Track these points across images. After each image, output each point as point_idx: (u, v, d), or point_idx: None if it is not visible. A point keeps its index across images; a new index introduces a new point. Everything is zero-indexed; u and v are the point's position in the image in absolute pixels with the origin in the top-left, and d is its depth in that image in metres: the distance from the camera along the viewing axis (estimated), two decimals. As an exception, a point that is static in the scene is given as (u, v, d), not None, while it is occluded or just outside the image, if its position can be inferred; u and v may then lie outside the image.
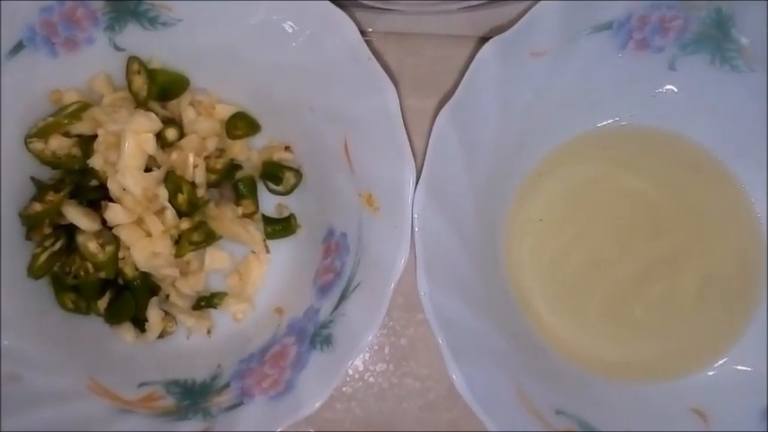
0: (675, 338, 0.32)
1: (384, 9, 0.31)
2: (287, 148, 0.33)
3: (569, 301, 0.32)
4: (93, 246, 0.30)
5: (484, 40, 0.33)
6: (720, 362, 0.32)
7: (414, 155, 0.27)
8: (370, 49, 0.28)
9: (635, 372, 0.32)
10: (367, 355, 0.33)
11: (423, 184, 0.27)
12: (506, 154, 0.31)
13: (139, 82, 0.31)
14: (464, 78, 0.27)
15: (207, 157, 0.32)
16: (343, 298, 0.28)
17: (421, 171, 0.27)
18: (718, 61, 0.30)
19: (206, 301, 0.32)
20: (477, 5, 0.30)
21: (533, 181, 0.32)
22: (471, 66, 0.27)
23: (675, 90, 0.32)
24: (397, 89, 0.27)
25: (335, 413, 0.33)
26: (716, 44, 0.30)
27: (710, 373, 0.32)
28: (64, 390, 0.28)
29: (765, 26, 0.29)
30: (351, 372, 0.33)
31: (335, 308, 0.28)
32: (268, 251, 0.33)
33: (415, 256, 0.27)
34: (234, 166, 0.33)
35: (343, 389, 0.33)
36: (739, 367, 0.31)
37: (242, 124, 0.33)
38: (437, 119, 0.27)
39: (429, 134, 0.28)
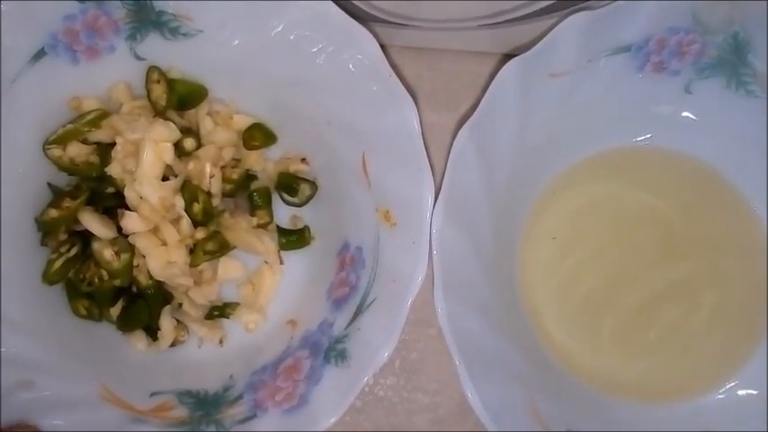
0: (686, 361, 0.32)
1: (404, 25, 0.31)
2: (303, 160, 0.33)
3: (581, 320, 0.32)
4: (108, 253, 0.30)
5: (502, 56, 0.34)
6: (730, 385, 0.32)
7: (432, 170, 0.27)
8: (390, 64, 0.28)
9: (645, 393, 0.32)
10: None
11: (442, 201, 0.27)
12: (523, 172, 0.31)
13: (159, 91, 0.31)
14: (484, 98, 0.27)
15: (223, 167, 0.32)
16: (358, 312, 0.28)
17: (439, 187, 0.27)
18: (733, 86, 0.31)
19: (218, 311, 0.33)
20: (497, 23, 0.30)
21: (548, 199, 0.33)
22: (492, 85, 0.27)
23: (691, 113, 0.32)
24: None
25: (345, 426, 0.33)
26: (732, 69, 0.30)
27: (720, 396, 0.32)
28: (76, 397, 0.28)
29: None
30: (361, 385, 0.33)
31: (350, 322, 0.28)
32: (282, 262, 0.33)
33: (429, 272, 0.27)
34: (249, 177, 0.33)
35: (353, 402, 0.33)
36: (748, 391, 0.32)
37: (259, 135, 0.33)
38: (457, 137, 0.27)
39: (445, 149, 0.28)
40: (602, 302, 0.32)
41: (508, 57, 0.28)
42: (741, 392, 0.32)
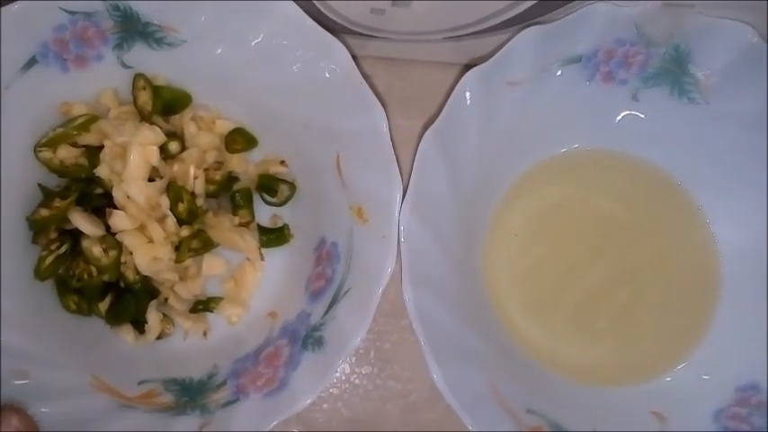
0: (636, 345, 0.34)
1: (374, 36, 0.33)
2: (282, 163, 0.35)
3: (540, 309, 0.34)
4: (97, 250, 0.31)
5: (467, 66, 0.36)
6: (678, 368, 0.34)
7: (401, 171, 0.29)
8: (362, 73, 0.30)
9: (599, 375, 0.34)
10: (353, 358, 0.35)
11: (408, 198, 0.29)
12: (485, 173, 0.33)
13: (145, 97, 0.32)
14: (447, 104, 0.29)
15: (206, 169, 0.34)
16: (333, 303, 0.30)
17: (407, 187, 0.29)
18: (676, 93, 0.33)
19: (203, 305, 0.34)
20: (460, 36, 0.33)
21: (509, 199, 0.35)
22: (453, 93, 0.29)
23: (639, 117, 0.34)
24: (385, 110, 0.30)
25: (323, 413, 0.34)
26: (675, 78, 0.33)
27: (668, 379, 0.34)
28: (68, 386, 0.29)
29: (718, 62, 0.31)
30: (338, 374, 0.35)
31: (326, 312, 0.30)
32: (262, 258, 0.34)
33: (400, 266, 0.29)
34: (232, 178, 0.35)
35: (331, 390, 0.35)
36: (695, 373, 0.33)
37: (240, 139, 0.34)
38: (422, 140, 0.29)
39: (415, 152, 0.30)
40: (558, 292, 0.34)
41: (470, 67, 0.30)
42: (689, 375, 0.33)
